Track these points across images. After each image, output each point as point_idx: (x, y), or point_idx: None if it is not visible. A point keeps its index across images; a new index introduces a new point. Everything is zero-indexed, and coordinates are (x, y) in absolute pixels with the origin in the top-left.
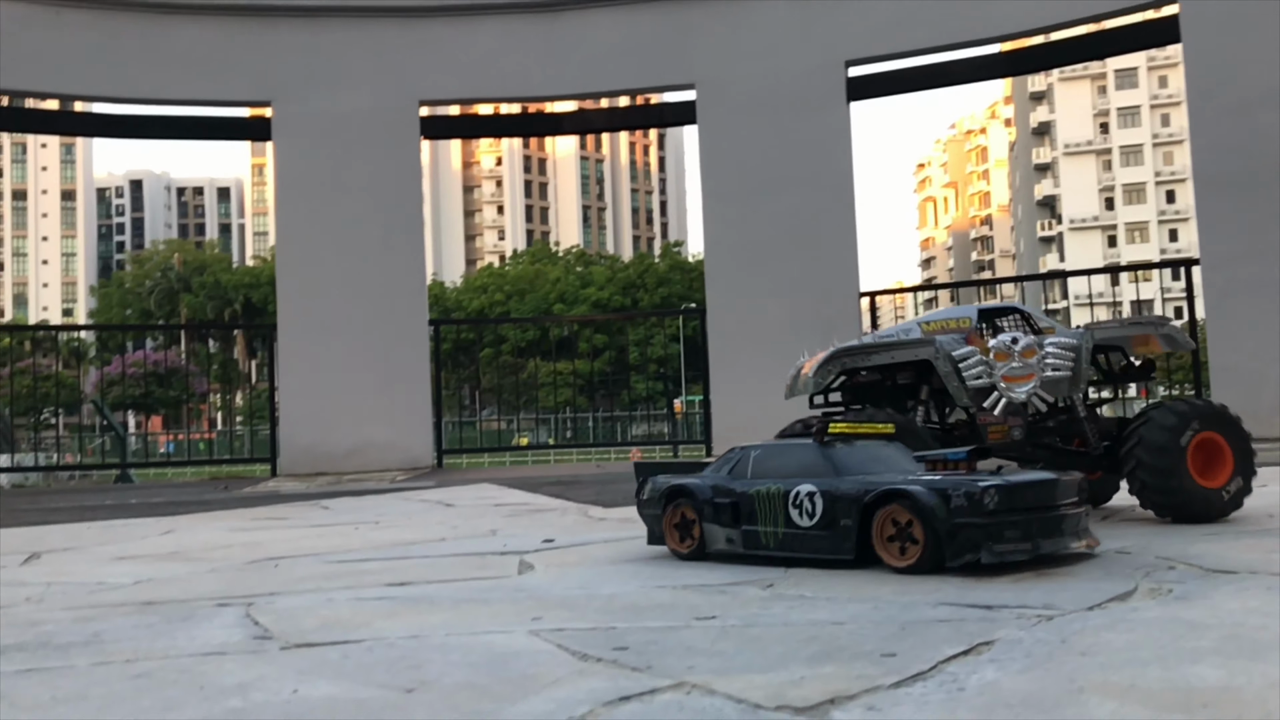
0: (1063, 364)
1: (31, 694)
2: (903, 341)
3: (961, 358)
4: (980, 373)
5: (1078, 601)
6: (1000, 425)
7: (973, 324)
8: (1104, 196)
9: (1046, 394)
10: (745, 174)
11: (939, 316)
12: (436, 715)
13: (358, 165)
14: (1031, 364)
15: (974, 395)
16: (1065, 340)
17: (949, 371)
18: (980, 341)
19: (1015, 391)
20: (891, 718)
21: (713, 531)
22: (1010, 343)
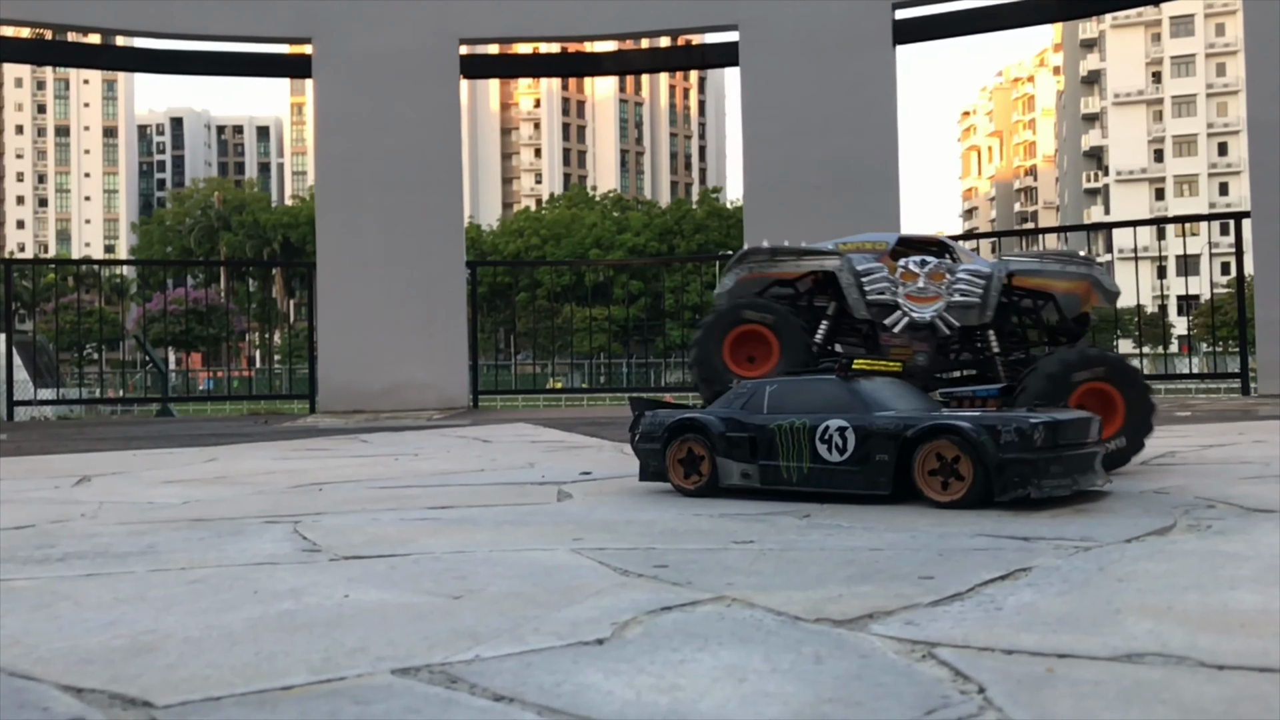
0: (972, 290)
1: (94, 594)
2: (809, 249)
3: (865, 271)
4: (884, 288)
5: (1115, 535)
6: (905, 348)
7: (889, 247)
8: (1153, 148)
9: (953, 319)
10: (787, 117)
11: (858, 238)
12: (484, 619)
13: (398, 103)
14: (938, 287)
15: (875, 310)
16: (977, 268)
17: (851, 284)
18: (891, 263)
19: (918, 311)
20: (930, 632)
21: (727, 466)
22: (919, 264)
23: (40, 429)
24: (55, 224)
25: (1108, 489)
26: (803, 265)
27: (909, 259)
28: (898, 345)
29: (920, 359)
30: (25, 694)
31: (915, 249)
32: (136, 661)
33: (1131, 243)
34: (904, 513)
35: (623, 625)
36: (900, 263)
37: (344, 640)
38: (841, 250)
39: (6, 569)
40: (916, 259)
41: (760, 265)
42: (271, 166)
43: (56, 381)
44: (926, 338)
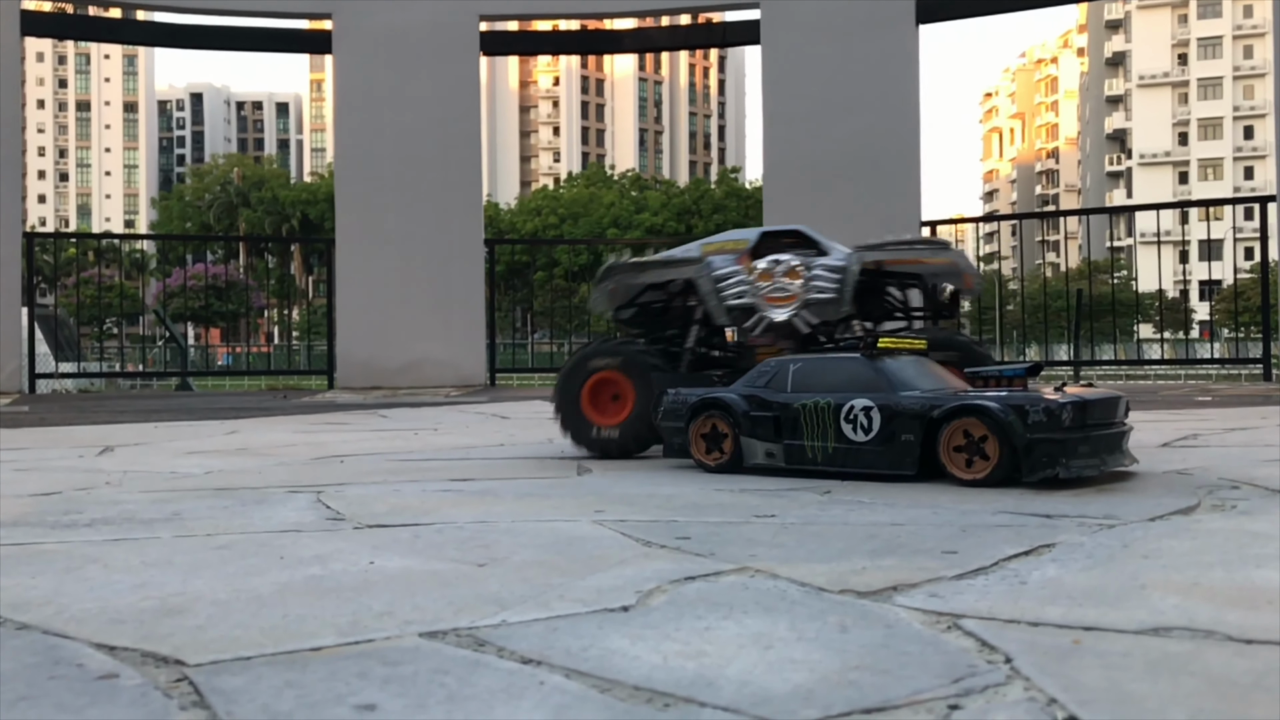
0: (827, 286)
1: (122, 558)
2: (671, 259)
3: (722, 277)
4: (741, 292)
5: (1139, 513)
6: (770, 347)
7: (749, 245)
8: (1178, 131)
9: (811, 316)
10: (808, 96)
11: (721, 238)
12: (509, 586)
13: (417, 79)
14: (794, 286)
15: (735, 314)
16: (831, 262)
17: (709, 290)
18: (750, 263)
19: (774, 312)
20: (954, 604)
21: (750, 445)
22: (774, 264)
23: (62, 401)
24: (76, 198)
25: (1134, 469)
26: (664, 275)
27: (766, 258)
28: (764, 345)
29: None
30: (60, 650)
31: (778, 244)
32: (167, 622)
33: (1154, 226)
34: (926, 490)
35: (647, 593)
36: (757, 263)
37: (371, 604)
38: (704, 253)
39: (36, 533)
40: (773, 258)
41: (626, 277)
42: (291, 143)
43: (78, 355)
44: (789, 336)
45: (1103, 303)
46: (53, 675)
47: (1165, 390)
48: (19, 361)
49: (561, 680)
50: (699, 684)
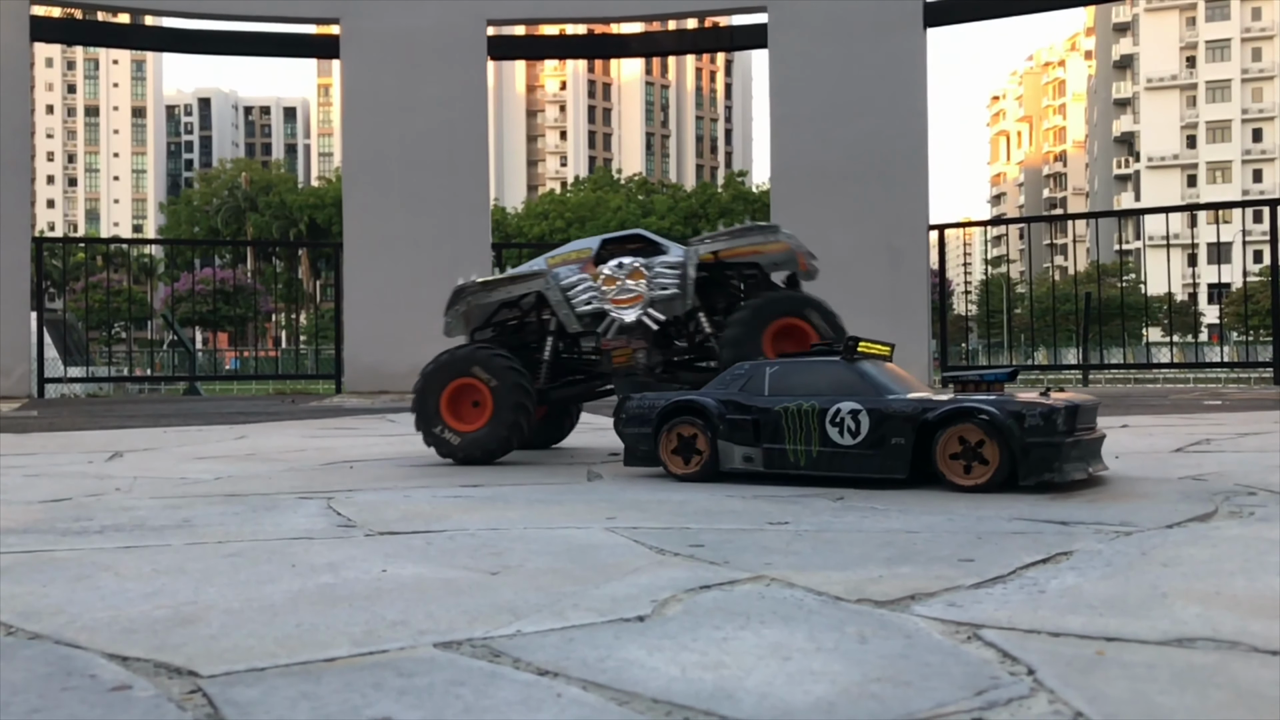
0: (669, 282)
1: (134, 566)
2: (518, 275)
3: (569, 286)
4: (590, 299)
5: (1156, 520)
6: (625, 349)
7: (592, 253)
8: (1186, 134)
9: (658, 313)
10: (815, 100)
11: (565, 249)
12: (523, 595)
13: (424, 84)
14: (639, 286)
15: (587, 321)
16: (671, 259)
17: (559, 300)
18: (595, 270)
19: (623, 314)
20: (973, 613)
21: (728, 450)
22: (617, 267)
23: (71, 406)
24: (84, 203)
25: (1105, 474)
26: (514, 291)
27: (611, 263)
28: (618, 348)
29: (640, 356)
30: (72, 661)
31: (620, 249)
32: (179, 631)
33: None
34: (937, 497)
35: (663, 603)
36: (602, 269)
37: (384, 613)
38: (550, 265)
39: (47, 540)
40: (615, 262)
41: (477, 298)
42: (298, 147)
43: (86, 360)
44: (642, 335)
45: (1111, 306)
46: (65, 687)
47: (1175, 394)
48: (28, 366)
49: (579, 692)
50: (718, 696)
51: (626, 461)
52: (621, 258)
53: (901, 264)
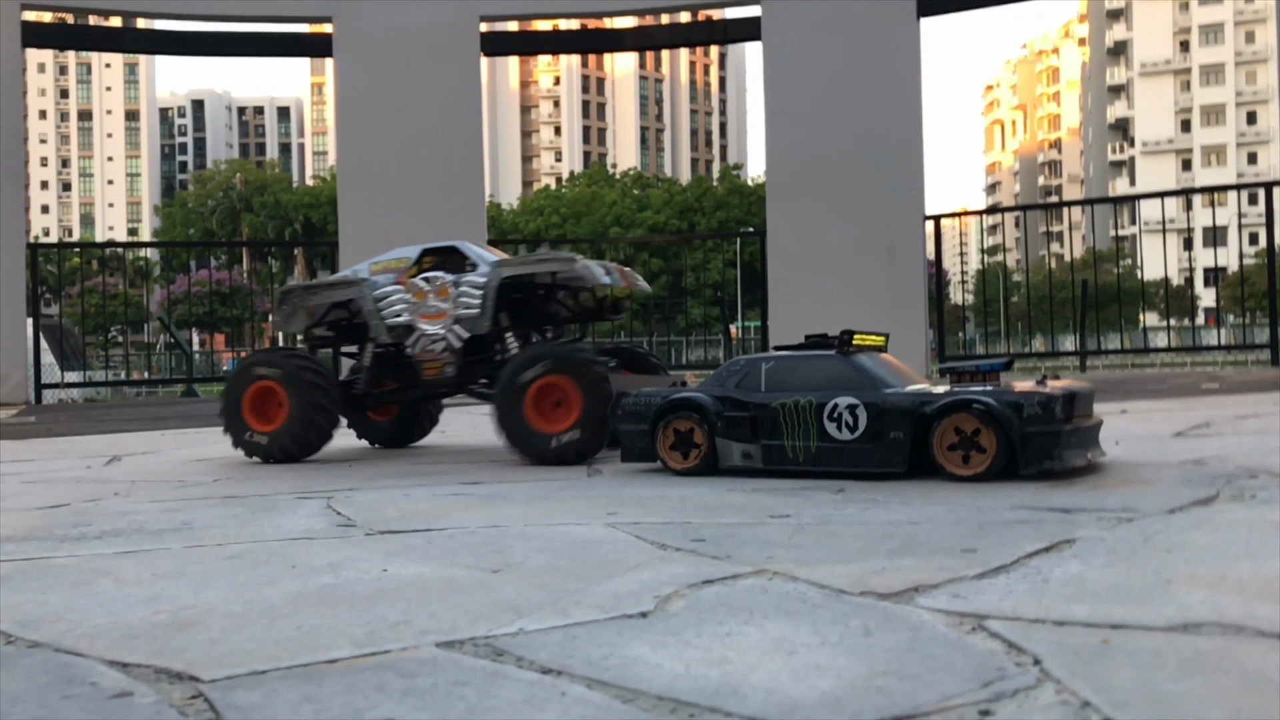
0: (472, 301)
1: (133, 571)
2: (339, 280)
3: (381, 296)
4: (399, 310)
5: (1158, 505)
6: (435, 362)
7: (410, 263)
8: (1180, 118)
9: (462, 331)
10: (810, 92)
11: (388, 257)
12: (524, 592)
13: (418, 81)
14: (444, 303)
15: (396, 332)
16: (476, 279)
17: (372, 310)
18: (408, 281)
19: (429, 329)
20: (978, 604)
21: (726, 447)
22: (425, 282)
23: (68, 411)
24: (79, 208)
25: (1105, 460)
26: (333, 296)
27: (420, 276)
28: (429, 360)
29: (449, 370)
30: (72, 669)
31: (442, 261)
32: (179, 636)
33: (1159, 215)
34: (938, 487)
35: (665, 598)
36: (415, 281)
37: (386, 614)
38: (372, 272)
39: (45, 547)
40: (425, 276)
41: (301, 300)
42: (292, 147)
43: (83, 364)
44: (450, 349)
45: (1108, 292)
46: (66, 695)
47: (1173, 378)
48: (24, 372)
49: (583, 691)
50: (724, 693)
51: (624, 458)
52: (436, 271)
53: (897, 257)
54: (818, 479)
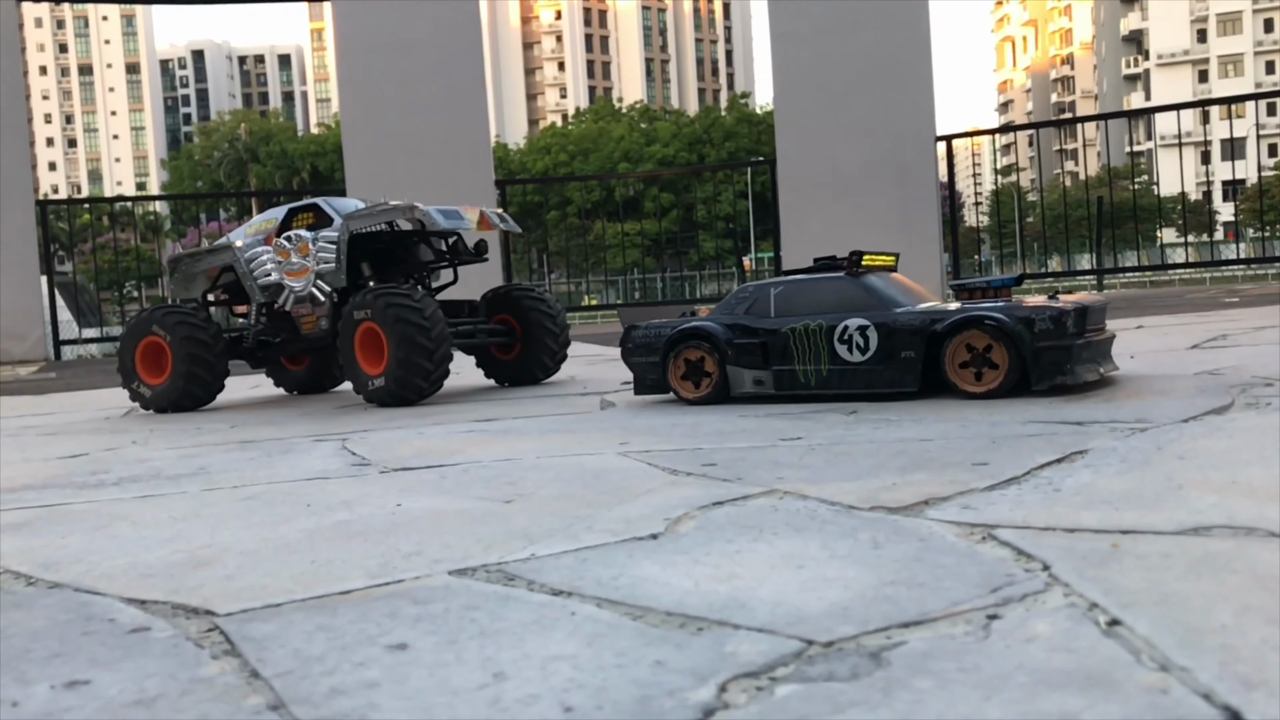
0: (328, 256)
1: (150, 514)
2: (216, 247)
3: (251, 259)
4: (268, 270)
5: (1171, 415)
6: (310, 316)
7: (276, 224)
8: (1196, 29)
9: (325, 284)
10: (815, 14)
11: (259, 219)
12: (537, 520)
13: (417, 22)
14: (305, 260)
15: (267, 291)
16: (330, 234)
17: (245, 272)
18: (275, 240)
19: (294, 285)
20: (988, 515)
21: (737, 374)
22: (288, 241)
23: (87, 366)
24: (86, 164)
25: (1118, 374)
26: (213, 262)
27: (284, 236)
28: (305, 315)
29: (323, 324)
30: (91, 607)
31: (308, 220)
32: (196, 574)
33: (1175, 129)
34: (951, 405)
35: (675, 521)
36: (279, 241)
37: (399, 546)
38: (248, 235)
39: (65, 494)
40: (287, 235)
41: (188, 265)
42: (295, 95)
43: (99, 320)
44: (320, 304)
45: (1124, 209)
46: (85, 631)
47: (1191, 294)
48: (42, 330)
49: (593, 610)
50: (732, 606)
51: (636, 390)
52: (297, 230)
53: (910, 179)
54: (830, 402)
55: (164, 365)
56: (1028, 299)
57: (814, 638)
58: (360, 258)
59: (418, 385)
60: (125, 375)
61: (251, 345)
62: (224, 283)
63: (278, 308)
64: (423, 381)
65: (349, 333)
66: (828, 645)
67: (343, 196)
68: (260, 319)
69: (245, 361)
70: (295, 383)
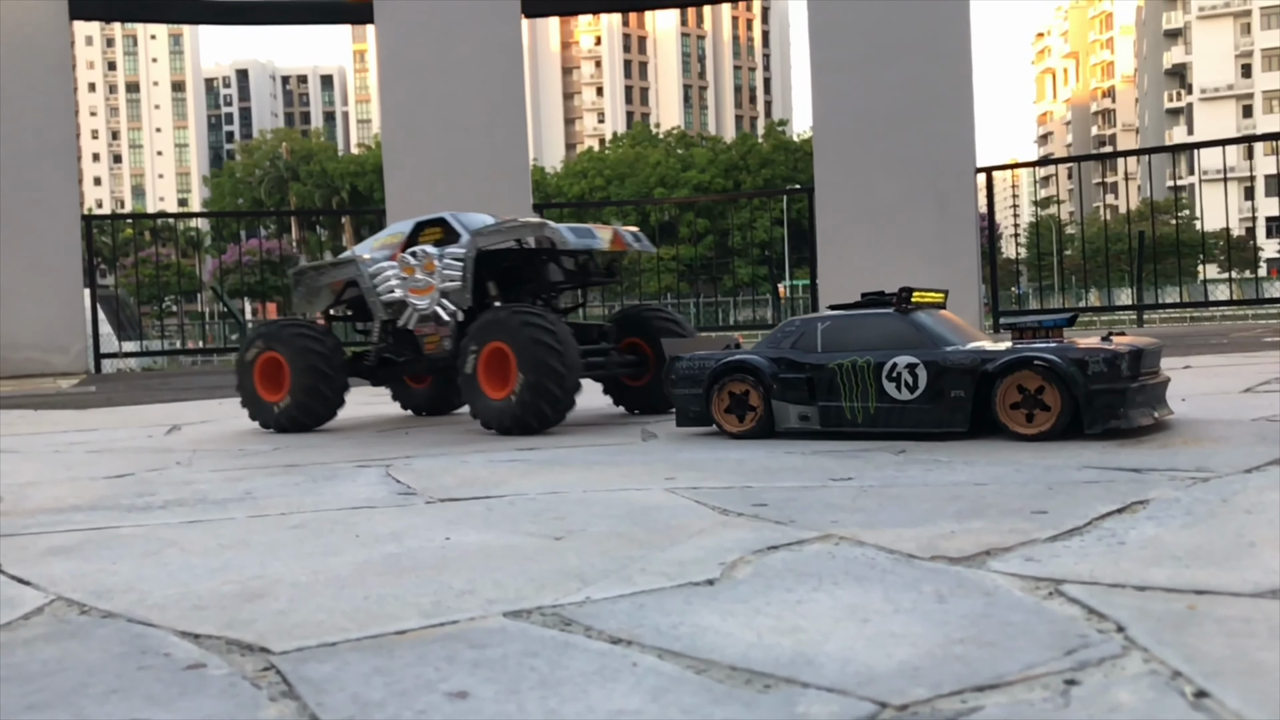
0: (454, 274)
1: (199, 541)
2: (340, 260)
3: (375, 273)
4: (392, 286)
5: (1233, 464)
6: (433, 336)
7: (403, 238)
8: (1240, 63)
9: (449, 304)
10: (857, 43)
11: (385, 233)
12: (588, 560)
13: (459, 45)
14: (430, 277)
15: (391, 309)
16: (457, 251)
17: (369, 288)
18: (401, 256)
19: (418, 303)
20: (1053, 568)
21: (782, 409)
22: (413, 257)
23: (127, 380)
24: (130, 179)
25: (1172, 418)
26: (336, 276)
27: (409, 251)
28: (428, 335)
29: (446, 344)
30: (146, 640)
31: (437, 234)
32: (249, 607)
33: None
34: (1001, 447)
35: (731, 565)
36: (404, 256)
37: (451, 583)
38: (373, 249)
39: (112, 516)
40: (413, 250)
41: (311, 279)
42: (336, 115)
43: (140, 334)
44: (444, 323)
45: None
46: (141, 666)
47: (1235, 332)
48: (84, 343)
49: (655, 661)
50: (798, 662)
51: (679, 423)
52: (424, 245)
53: (948, 210)
54: (876, 440)
55: (282, 382)
56: (1080, 339)
57: (887, 700)
58: (486, 276)
59: (545, 413)
60: (245, 392)
61: (373, 363)
62: (348, 297)
63: (400, 326)
64: (550, 410)
65: (472, 353)
66: (902, 709)
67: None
68: (383, 336)
69: (366, 379)
70: (418, 402)
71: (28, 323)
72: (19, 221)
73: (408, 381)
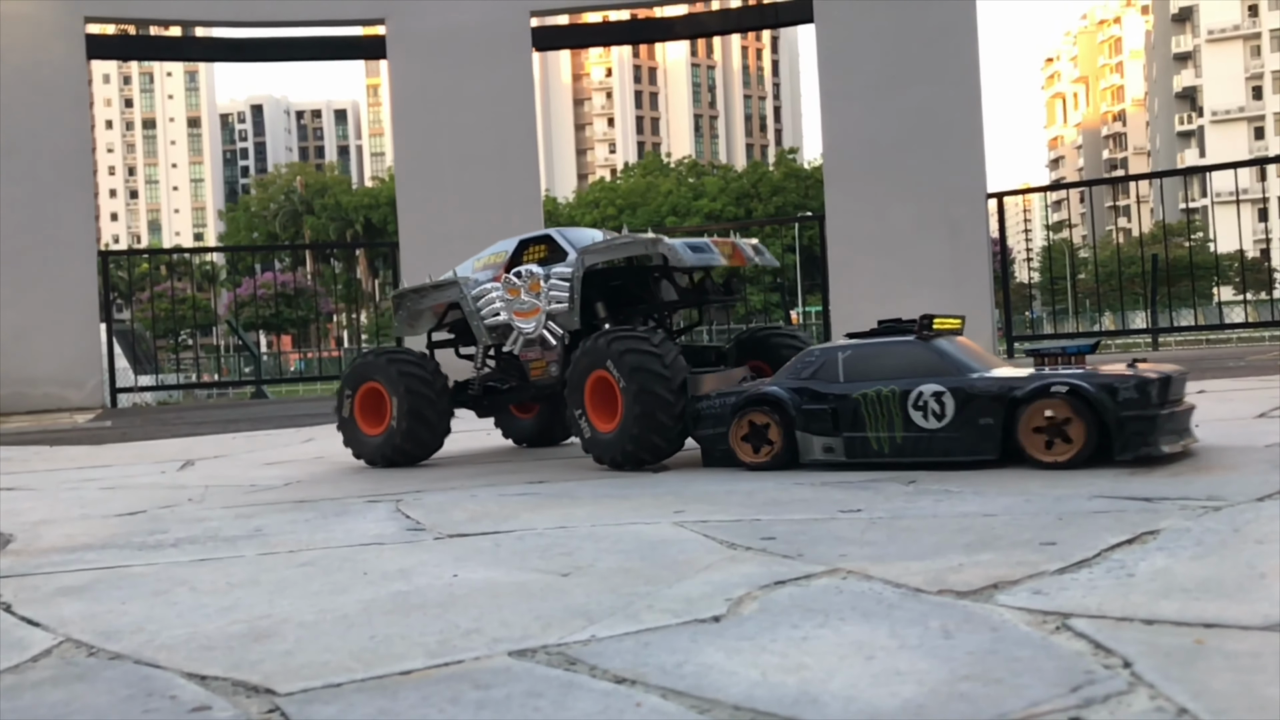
0: (561, 295)
1: (209, 579)
2: (442, 281)
3: (479, 295)
4: (497, 309)
5: (1245, 493)
6: (539, 361)
7: (506, 258)
8: (1251, 85)
9: (555, 327)
10: (866, 71)
11: (489, 252)
12: (595, 597)
13: (472, 79)
14: (536, 299)
15: (495, 333)
16: (564, 270)
17: (471, 310)
18: (505, 276)
19: (524, 326)
20: (1060, 601)
21: (806, 441)
22: (518, 278)
23: (143, 415)
24: (146, 214)
25: (1197, 447)
26: (438, 298)
27: (514, 272)
28: (533, 359)
29: (553, 369)
30: (152, 681)
31: (542, 253)
32: (256, 648)
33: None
34: (1011, 475)
35: (737, 601)
36: (508, 277)
37: (458, 621)
38: (475, 269)
39: (124, 555)
40: (517, 270)
41: (412, 301)
42: (350, 149)
43: (155, 368)
44: (551, 347)
45: (1179, 266)
46: (146, 709)
47: (1250, 355)
48: (100, 377)
49: (659, 701)
50: (802, 701)
51: (705, 462)
52: (529, 265)
53: (960, 235)
54: (887, 470)
55: (384, 415)
56: (1105, 366)
57: None
58: (595, 296)
59: (657, 445)
60: (344, 423)
61: (477, 391)
62: (450, 321)
63: (505, 350)
64: (661, 441)
65: (578, 381)
66: None
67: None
68: (487, 362)
69: (470, 409)
70: (523, 433)
71: (44, 357)
72: (37, 257)
73: (513, 411)
